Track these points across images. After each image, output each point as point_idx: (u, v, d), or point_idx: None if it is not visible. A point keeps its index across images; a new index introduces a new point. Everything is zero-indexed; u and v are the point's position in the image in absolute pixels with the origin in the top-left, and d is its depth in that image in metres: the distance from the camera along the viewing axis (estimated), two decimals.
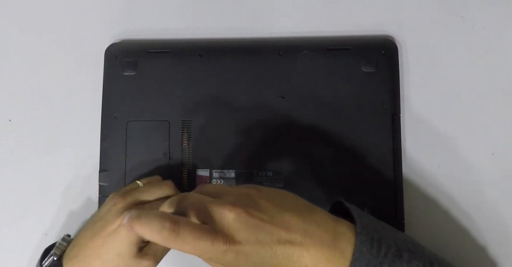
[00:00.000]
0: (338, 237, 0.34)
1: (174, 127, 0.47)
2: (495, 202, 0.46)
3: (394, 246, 0.34)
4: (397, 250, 0.34)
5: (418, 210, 0.46)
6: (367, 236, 0.34)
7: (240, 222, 0.32)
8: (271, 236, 0.32)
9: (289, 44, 0.48)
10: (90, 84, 0.49)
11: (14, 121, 0.50)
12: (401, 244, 0.35)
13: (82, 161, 0.49)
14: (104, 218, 0.40)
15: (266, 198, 0.34)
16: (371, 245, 0.33)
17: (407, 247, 0.35)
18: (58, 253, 0.41)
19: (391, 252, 0.34)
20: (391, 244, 0.34)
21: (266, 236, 0.32)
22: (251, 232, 0.32)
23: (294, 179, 0.46)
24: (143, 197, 0.42)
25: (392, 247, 0.34)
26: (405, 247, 0.35)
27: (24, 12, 0.51)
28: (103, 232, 0.39)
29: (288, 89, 0.47)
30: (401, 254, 0.34)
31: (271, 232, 0.32)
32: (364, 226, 0.34)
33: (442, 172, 0.47)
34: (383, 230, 0.36)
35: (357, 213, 0.36)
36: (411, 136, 0.47)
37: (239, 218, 0.32)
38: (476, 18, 0.49)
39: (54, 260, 0.41)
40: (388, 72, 0.47)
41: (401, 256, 0.34)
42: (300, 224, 0.33)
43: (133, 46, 0.49)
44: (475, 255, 0.46)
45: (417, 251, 0.35)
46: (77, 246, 0.41)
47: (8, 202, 0.49)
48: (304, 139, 0.46)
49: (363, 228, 0.34)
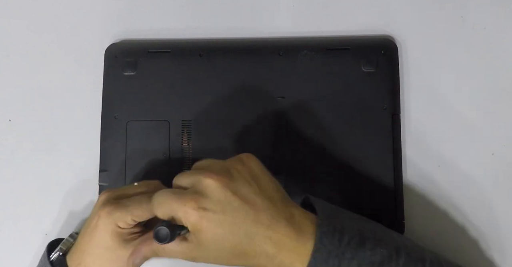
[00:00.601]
0: (301, 231, 0.35)
1: (174, 127, 0.47)
2: (495, 202, 0.46)
3: (358, 235, 0.35)
4: (361, 239, 0.35)
5: (418, 210, 0.46)
6: (329, 227, 0.35)
7: (215, 189, 0.34)
8: (238, 211, 0.34)
9: (289, 44, 0.48)
10: (90, 84, 0.49)
11: (14, 121, 0.50)
12: (367, 233, 0.36)
13: (82, 161, 0.49)
14: (91, 213, 0.41)
15: (247, 174, 0.36)
16: (333, 235, 0.35)
17: (373, 235, 0.36)
18: (64, 249, 0.42)
19: (354, 241, 0.35)
20: (354, 234, 0.35)
21: (233, 210, 0.34)
22: (220, 202, 0.34)
23: (294, 179, 0.45)
24: (127, 191, 0.42)
25: (356, 236, 0.35)
26: (370, 235, 0.36)
27: (24, 12, 0.51)
28: (88, 228, 0.40)
29: (288, 89, 0.47)
30: (364, 242, 0.35)
31: (239, 207, 0.34)
32: (325, 217, 0.36)
33: (442, 172, 0.47)
34: (348, 221, 0.37)
35: (320, 205, 0.37)
36: (411, 136, 0.47)
37: (216, 185, 0.34)
38: (476, 18, 0.49)
39: (60, 255, 0.41)
40: (388, 72, 0.47)
41: (364, 244, 0.35)
42: (270, 209, 0.35)
43: (133, 46, 0.49)
44: (475, 255, 0.46)
45: (383, 239, 0.36)
46: (76, 243, 0.41)
47: (8, 202, 0.49)
48: (304, 139, 0.46)
49: (324, 219, 0.36)
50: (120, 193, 0.41)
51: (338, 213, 0.38)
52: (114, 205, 0.39)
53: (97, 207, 0.40)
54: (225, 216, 0.34)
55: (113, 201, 0.39)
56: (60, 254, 0.41)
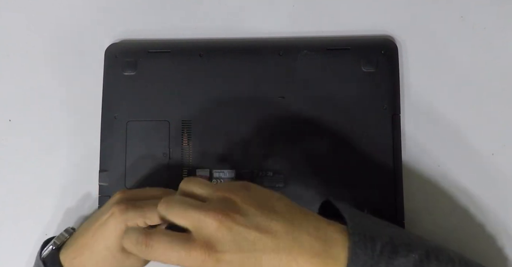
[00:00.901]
0: (330, 244, 0.32)
1: (174, 127, 0.47)
2: (495, 202, 0.46)
3: (390, 242, 0.33)
4: (393, 246, 0.33)
5: (418, 210, 0.46)
6: (360, 236, 0.33)
7: (222, 231, 0.31)
8: (255, 244, 0.31)
9: (289, 44, 0.48)
10: (90, 84, 0.49)
11: (14, 121, 0.50)
12: (396, 239, 0.34)
13: (82, 161, 0.49)
14: (101, 210, 0.41)
15: (254, 201, 0.33)
16: (365, 245, 0.32)
17: (402, 241, 0.34)
18: (58, 243, 0.41)
19: (386, 249, 0.33)
20: (386, 241, 0.33)
21: (250, 244, 0.31)
22: (234, 240, 0.31)
23: (294, 179, 0.45)
24: (142, 193, 0.42)
25: (388, 244, 0.33)
26: (400, 241, 0.34)
27: (24, 12, 0.51)
28: (95, 223, 0.40)
29: (288, 89, 0.47)
30: (397, 250, 0.33)
31: (255, 239, 0.31)
32: (355, 225, 0.33)
33: (442, 171, 0.47)
34: (376, 227, 0.35)
35: (348, 212, 0.35)
36: (411, 136, 0.47)
37: (222, 226, 0.31)
38: (476, 18, 0.49)
39: (52, 249, 0.41)
40: (388, 72, 0.47)
41: (397, 252, 0.33)
42: (289, 231, 0.32)
43: (133, 46, 0.49)
44: (474, 255, 0.46)
45: (412, 243, 0.34)
46: (74, 237, 0.41)
47: (8, 202, 0.49)
48: (304, 138, 0.46)
49: (355, 228, 0.33)
50: (135, 194, 0.41)
51: (364, 219, 0.36)
52: (128, 205, 0.39)
53: (110, 205, 0.40)
54: (243, 253, 0.31)
55: (127, 201, 0.39)
56: (53, 248, 0.41)
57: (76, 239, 0.41)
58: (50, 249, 0.41)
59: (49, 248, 0.41)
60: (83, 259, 0.40)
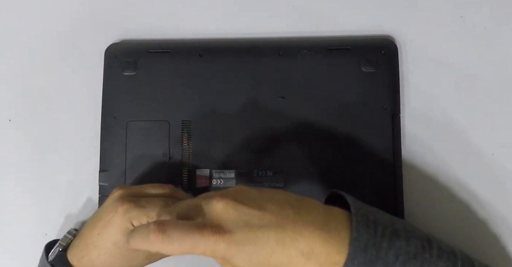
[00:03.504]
0: (331, 219, 0.33)
1: (174, 127, 0.47)
2: (495, 202, 0.46)
3: (391, 227, 0.34)
4: (394, 230, 0.34)
5: (418, 210, 0.46)
6: (363, 217, 0.34)
7: (228, 210, 0.32)
8: (260, 220, 0.32)
9: (289, 44, 0.48)
10: (90, 84, 0.49)
11: (14, 121, 0.50)
12: (398, 225, 0.35)
13: (82, 161, 0.49)
14: (103, 208, 0.41)
15: (253, 190, 0.35)
16: (367, 225, 0.33)
17: (404, 228, 0.35)
18: (64, 244, 0.42)
19: (388, 232, 0.34)
20: (387, 225, 0.34)
21: (255, 221, 0.32)
22: (240, 218, 0.32)
23: (294, 179, 0.46)
24: (142, 189, 0.42)
25: (389, 227, 0.34)
26: (401, 227, 0.35)
27: (24, 12, 0.51)
28: (100, 222, 0.40)
29: (288, 89, 0.47)
30: (398, 234, 0.34)
31: (260, 217, 0.32)
32: (359, 208, 0.34)
33: (442, 172, 0.47)
34: (377, 214, 0.36)
35: (351, 198, 0.36)
36: (411, 136, 0.47)
37: (227, 207, 0.32)
38: (476, 18, 0.49)
39: (59, 251, 0.41)
40: (388, 72, 0.47)
41: (398, 235, 0.34)
42: (291, 210, 0.33)
43: (133, 46, 0.49)
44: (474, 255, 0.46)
45: (413, 231, 0.35)
46: (79, 236, 0.42)
47: (8, 202, 0.49)
48: (304, 138, 0.46)
49: (357, 210, 0.34)
50: (135, 191, 0.41)
51: (367, 206, 0.37)
52: (132, 203, 0.39)
53: (112, 202, 0.40)
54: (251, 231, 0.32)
55: (130, 198, 0.39)
56: (60, 250, 0.41)
57: (82, 239, 0.41)
58: (57, 252, 0.41)
59: (55, 251, 0.42)
60: (92, 258, 0.40)
